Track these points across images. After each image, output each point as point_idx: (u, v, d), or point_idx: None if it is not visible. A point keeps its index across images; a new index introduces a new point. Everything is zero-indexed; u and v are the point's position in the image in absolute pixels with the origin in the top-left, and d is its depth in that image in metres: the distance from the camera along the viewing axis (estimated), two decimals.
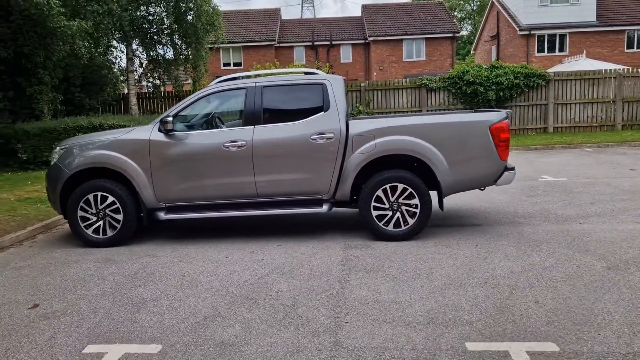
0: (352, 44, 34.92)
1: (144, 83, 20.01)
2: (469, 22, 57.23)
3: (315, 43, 34.32)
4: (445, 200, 7.86)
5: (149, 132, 5.93)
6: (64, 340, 3.58)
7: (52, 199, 6.17)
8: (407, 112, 17.61)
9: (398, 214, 5.71)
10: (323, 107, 5.80)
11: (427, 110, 17.57)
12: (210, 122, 6.16)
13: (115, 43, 16.18)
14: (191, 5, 15.04)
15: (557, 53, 30.13)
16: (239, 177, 5.80)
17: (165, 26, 16.42)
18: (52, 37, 12.07)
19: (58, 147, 6.27)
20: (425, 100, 17.55)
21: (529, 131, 17.56)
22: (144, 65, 17.74)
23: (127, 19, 15.22)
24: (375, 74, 33.97)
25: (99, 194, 5.90)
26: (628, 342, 3.23)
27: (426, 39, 33.60)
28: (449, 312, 3.78)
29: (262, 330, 3.62)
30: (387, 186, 5.67)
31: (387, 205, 5.70)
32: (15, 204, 8.26)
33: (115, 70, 17.30)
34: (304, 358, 3.21)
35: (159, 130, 5.87)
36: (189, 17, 15.68)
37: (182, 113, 6.01)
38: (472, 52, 42.38)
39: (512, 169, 5.83)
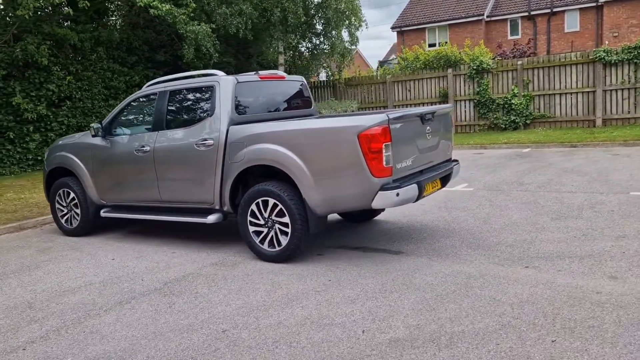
0: (580, 9, 29.61)
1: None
2: None
3: (532, 12, 30.27)
4: (431, 215, 6.42)
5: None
6: None
7: (45, 191, 7.33)
8: (575, 93, 14.39)
9: (273, 232, 5.03)
10: (209, 112, 5.44)
11: (604, 91, 14.03)
12: (133, 126, 6.38)
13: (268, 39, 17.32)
14: None
15: None
16: (146, 181, 5.93)
17: (307, 18, 16.86)
18: (182, 41, 13.79)
19: (49, 147, 7.38)
20: (602, 79, 14.00)
21: None
22: (299, 56, 18.62)
23: (277, 14, 16.21)
24: (607, 42, 28.19)
25: (65, 190, 6.78)
26: None
27: None
28: (119, 354, 3.31)
29: None
30: (260, 200, 5.04)
31: (262, 222, 5.08)
32: None
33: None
34: None
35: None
36: (327, 5, 15.82)
37: (120, 117, 6.37)
38: None
39: (395, 188, 4.45)
